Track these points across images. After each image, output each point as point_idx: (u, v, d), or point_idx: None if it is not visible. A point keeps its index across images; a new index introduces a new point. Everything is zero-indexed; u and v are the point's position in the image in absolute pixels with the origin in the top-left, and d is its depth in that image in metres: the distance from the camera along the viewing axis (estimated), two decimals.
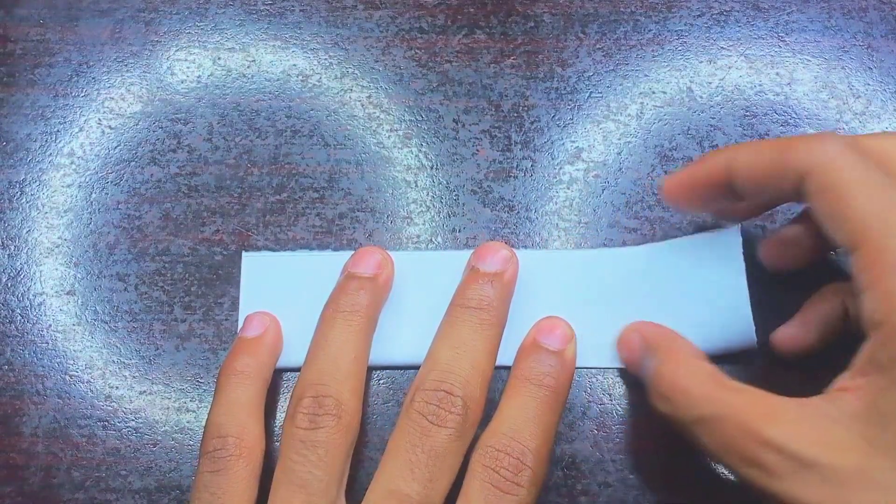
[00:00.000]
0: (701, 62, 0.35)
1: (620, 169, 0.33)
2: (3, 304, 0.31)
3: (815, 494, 0.21)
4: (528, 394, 0.26)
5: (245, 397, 0.27)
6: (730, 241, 0.30)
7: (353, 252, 0.30)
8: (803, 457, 0.21)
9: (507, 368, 0.30)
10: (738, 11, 0.35)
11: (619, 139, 0.34)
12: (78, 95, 0.34)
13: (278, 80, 0.35)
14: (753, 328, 0.29)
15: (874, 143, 0.25)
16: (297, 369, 0.28)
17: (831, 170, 0.23)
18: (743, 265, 0.29)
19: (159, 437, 0.30)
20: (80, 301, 0.31)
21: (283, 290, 0.31)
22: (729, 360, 0.29)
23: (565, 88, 0.34)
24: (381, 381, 0.30)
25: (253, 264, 0.31)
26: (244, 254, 0.32)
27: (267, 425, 0.28)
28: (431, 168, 0.33)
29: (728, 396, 0.24)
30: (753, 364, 0.30)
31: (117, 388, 0.30)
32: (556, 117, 0.34)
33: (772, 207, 0.31)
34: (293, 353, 0.30)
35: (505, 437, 0.25)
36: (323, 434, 0.25)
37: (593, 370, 0.30)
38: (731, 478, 0.29)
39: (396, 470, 0.25)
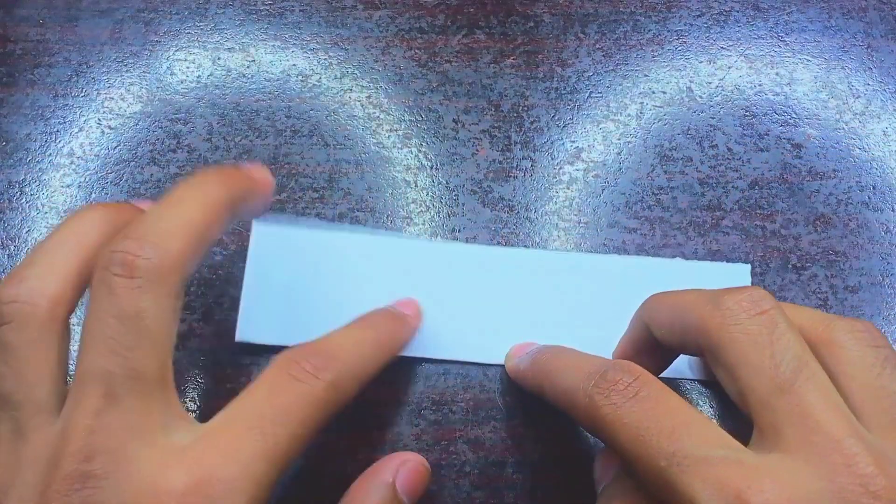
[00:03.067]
0: (701, 62, 0.35)
1: (620, 169, 0.33)
2: None
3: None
4: (364, 328, 0.26)
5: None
6: (740, 276, 0.31)
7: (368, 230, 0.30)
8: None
9: (500, 366, 0.30)
10: (737, 11, 0.35)
11: (619, 139, 0.34)
12: (78, 95, 0.34)
13: (278, 80, 0.35)
14: None
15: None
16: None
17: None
18: None
19: None
20: (79, 301, 0.31)
21: (293, 267, 0.30)
22: None
23: (565, 88, 0.34)
24: (381, 382, 0.30)
25: (264, 237, 0.30)
26: (255, 223, 0.31)
27: None
28: (431, 168, 0.33)
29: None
30: None
31: None
32: (556, 117, 0.34)
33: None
34: (301, 332, 0.29)
35: (322, 344, 0.24)
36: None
37: None
38: None
39: (90, 347, 0.21)
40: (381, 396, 0.30)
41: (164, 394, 0.22)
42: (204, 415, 0.30)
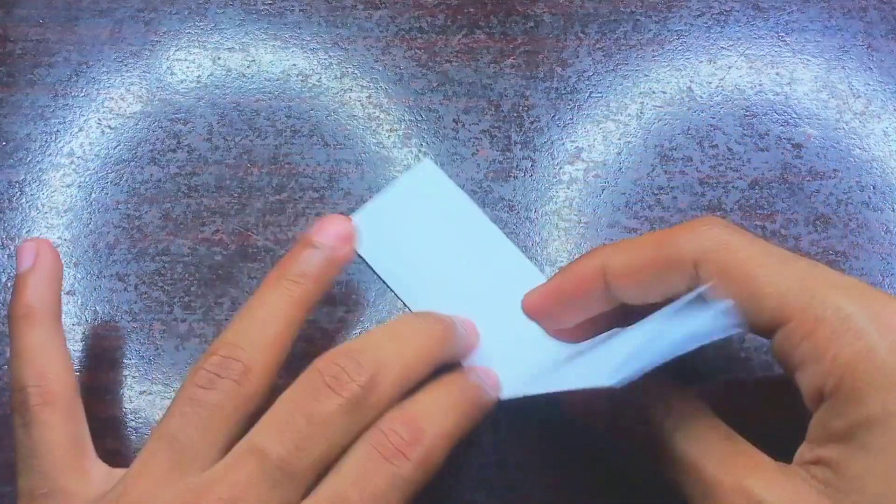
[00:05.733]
0: (701, 62, 0.35)
1: (620, 169, 0.33)
2: (2, 304, 0.31)
3: None
4: (451, 393, 0.26)
5: (38, 340, 0.26)
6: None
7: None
8: None
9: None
10: (738, 11, 0.35)
11: (619, 139, 0.34)
12: (78, 95, 0.34)
13: (278, 80, 0.35)
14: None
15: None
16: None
17: (726, 252, 0.22)
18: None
19: None
20: (80, 301, 0.31)
21: (427, 212, 0.32)
22: None
23: (565, 88, 0.34)
24: None
25: (424, 171, 0.32)
26: (425, 160, 0.33)
27: None
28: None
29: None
30: None
31: (117, 388, 0.30)
32: (556, 117, 0.34)
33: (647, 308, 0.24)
34: (417, 297, 0.31)
35: (410, 413, 0.24)
36: (214, 396, 0.24)
37: None
38: None
39: (268, 427, 0.23)
40: None
41: (298, 491, 0.23)
42: None
